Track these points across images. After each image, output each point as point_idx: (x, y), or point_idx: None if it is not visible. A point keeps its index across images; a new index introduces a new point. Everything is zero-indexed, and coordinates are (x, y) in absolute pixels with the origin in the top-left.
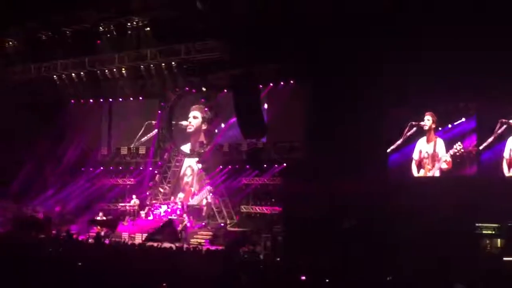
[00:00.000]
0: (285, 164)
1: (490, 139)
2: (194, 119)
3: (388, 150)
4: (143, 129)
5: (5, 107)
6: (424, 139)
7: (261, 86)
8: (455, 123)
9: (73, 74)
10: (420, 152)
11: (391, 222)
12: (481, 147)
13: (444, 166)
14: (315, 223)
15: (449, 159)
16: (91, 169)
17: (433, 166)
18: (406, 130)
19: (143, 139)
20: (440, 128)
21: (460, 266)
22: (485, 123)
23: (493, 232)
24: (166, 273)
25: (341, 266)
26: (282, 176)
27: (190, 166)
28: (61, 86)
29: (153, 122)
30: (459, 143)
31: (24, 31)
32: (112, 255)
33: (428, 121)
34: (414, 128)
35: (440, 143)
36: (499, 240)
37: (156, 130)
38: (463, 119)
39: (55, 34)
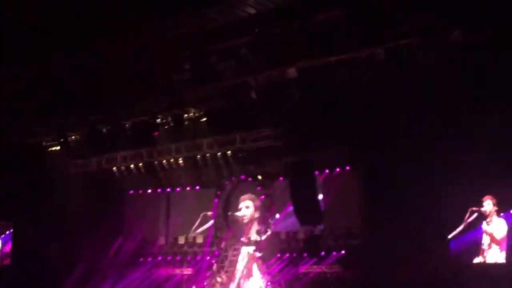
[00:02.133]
0: (343, 252)
1: None
2: (247, 208)
3: (449, 237)
4: (199, 220)
5: (67, 200)
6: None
7: (316, 172)
8: None
9: (131, 166)
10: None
11: None
12: None
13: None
14: None
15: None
16: (149, 259)
17: (490, 247)
18: (466, 216)
19: (198, 231)
20: (501, 214)
21: None
22: None
23: None
24: None
25: None
26: (340, 264)
27: (247, 254)
28: (120, 177)
29: (208, 213)
30: None
31: (86, 124)
32: None
33: (488, 205)
34: (475, 214)
35: (500, 223)
36: None
37: (212, 221)
38: None
39: (115, 127)
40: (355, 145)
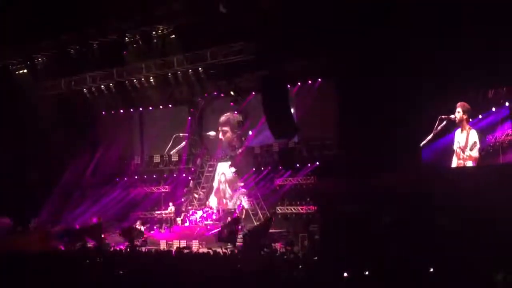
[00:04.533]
0: (317, 163)
1: None
2: (224, 133)
3: (421, 145)
4: (171, 142)
5: (38, 123)
6: (459, 130)
7: (289, 86)
8: (485, 114)
9: (102, 86)
10: (458, 143)
11: (432, 213)
12: None
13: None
14: (351, 220)
15: (475, 155)
16: (125, 179)
17: (464, 158)
18: (436, 124)
19: (172, 152)
20: (470, 120)
21: (505, 255)
22: None
23: None
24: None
25: (382, 259)
26: (315, 175)
27: (223, 171)
28: (91, 98)
29: (180, 134)
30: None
31: (53, 46)
32: (149, 263)
33: (458, 113)
34: (444, 122)
35: (473, 134)
36: None
37: (184, 142)
38: (493, 109)
39: (83, 48)
40: (327, 57)
